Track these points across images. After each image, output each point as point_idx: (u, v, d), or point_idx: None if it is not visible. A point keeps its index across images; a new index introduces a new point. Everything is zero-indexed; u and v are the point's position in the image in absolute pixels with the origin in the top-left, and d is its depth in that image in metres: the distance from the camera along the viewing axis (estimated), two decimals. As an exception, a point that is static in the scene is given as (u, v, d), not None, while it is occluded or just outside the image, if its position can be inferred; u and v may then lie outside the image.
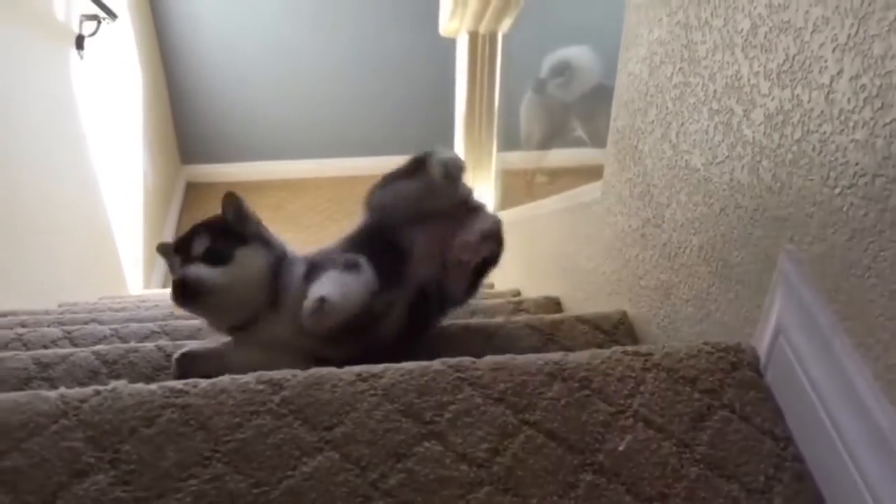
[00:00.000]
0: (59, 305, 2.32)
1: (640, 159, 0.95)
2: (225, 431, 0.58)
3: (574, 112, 3.60)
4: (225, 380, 0.63)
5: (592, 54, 3.47)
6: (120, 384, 0.62)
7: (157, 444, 0.58)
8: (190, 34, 3.90)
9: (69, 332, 1.33)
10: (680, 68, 0.83)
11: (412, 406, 0.60)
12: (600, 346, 0.98)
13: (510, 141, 3.46)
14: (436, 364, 0.65)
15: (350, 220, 3.47)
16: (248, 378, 0.63)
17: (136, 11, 3.51)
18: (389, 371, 0.64)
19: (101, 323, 1.63)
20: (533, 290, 1.63)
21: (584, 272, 1.21)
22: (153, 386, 0.62)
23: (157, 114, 3.83)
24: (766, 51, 0.66)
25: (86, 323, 1.66)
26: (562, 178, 4.25)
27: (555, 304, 1.38)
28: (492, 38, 2.46)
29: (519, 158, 3.93)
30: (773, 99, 0.65)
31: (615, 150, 1.05)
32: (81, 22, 2.63)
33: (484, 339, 0.99)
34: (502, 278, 2.05)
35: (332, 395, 0.61)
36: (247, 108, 4.16)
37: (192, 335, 1.33)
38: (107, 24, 2.73)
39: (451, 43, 2.77)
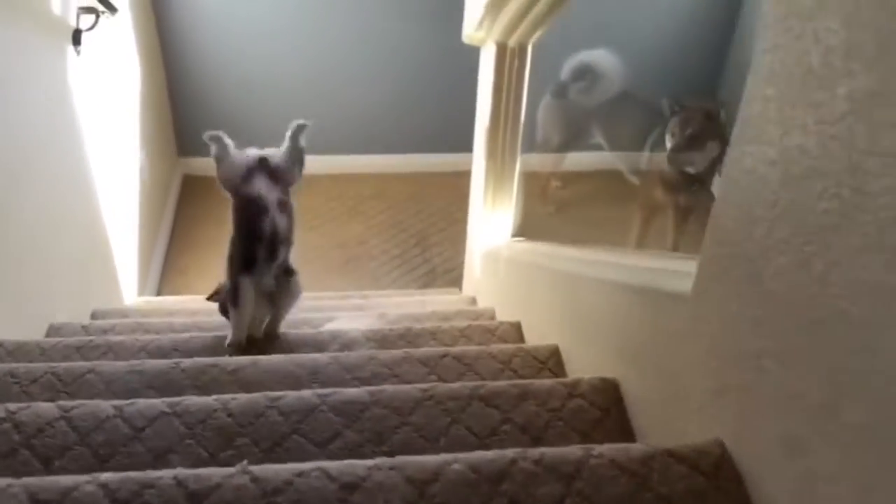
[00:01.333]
0: (48, 333, 2.16)
1: (759, 280, 0.79)
2: None
3: (595, 118, 3.44)
4: None
5: (615, 58, 3.30)
6: None
7: None
8: (190, 22, 3.70)
9: (67, 411, 1.18)
10: (836, 194, 0.67)
11: None
12: (703, 494, 0.83)
13: (525, 143, 3.30)
14: None
15: (355, 219, 3.30)
16: None
17: (135, 1, 3.31)
18: None
19: (100, 381, 1.48)
20: (578, 358, 1.48)
21: (659, 369, 1.07)
22: None
23: (154, 105, 3.63)
24: None
25: (83, 376, 1.50)
26: (575, 184, 4.10)
27: (613, 389, 1.23)
28: (521, 50, 2.29)
29: (534, 161, 3.76)
30: None
31: (716, 252, 0.89)
32: (78, 16, 2.44)
33: (563, 482, 0.84)
34: (532, 325, 1.90)
35: None
36: (247, 100, 3.97)
37: (207, 416, 1.18)
38: (106, 18, 2.54)
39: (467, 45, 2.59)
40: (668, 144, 3.00)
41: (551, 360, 1.60)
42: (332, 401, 1.21)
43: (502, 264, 2.30)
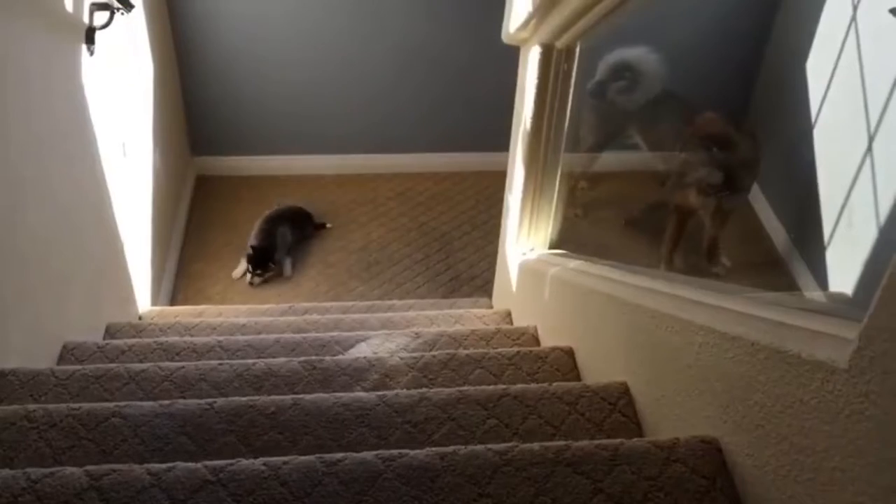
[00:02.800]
0: (62, 354, 2.01)
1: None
2: None
3: (633, 119, 3.28)
4: None
5: (656, 57, 3.14)
6: None
7: None
8: (205, 16, 3.53)
9: (97, 479, 1.03)
10: None
11: None
12: None
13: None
14: None
15: (376, 220, 3.17)
16: None
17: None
18: None
19: (126, 425, 1.33)
20: (657, 404, 1.33)
21: (791, 444, 0.92)
22: None
23: (167, 103, 3.47)
24: None
25: (107, 420, 1.36)
26: (602, 184, 3.95)
27: (716, 453, 1.08)
28: (569, 53, 2.13)
29: (564, 162, 3.62)
30: None
31: (892, 322, 0.74)
32: (92, 13, 2.28)
33: None
34: (588, 353, 1.76)
35: None
36: (264, 97, 3.80)
37: (257, 486, 1.03)
38: (121, 15, 2.38)
39: (491, 41, 2.43)
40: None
41: (621, 402, 1.46)
42: (397, 466, 1.06)
43: (547, 283, 2.15)
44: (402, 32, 3.65)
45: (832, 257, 3.07)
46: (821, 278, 3.12)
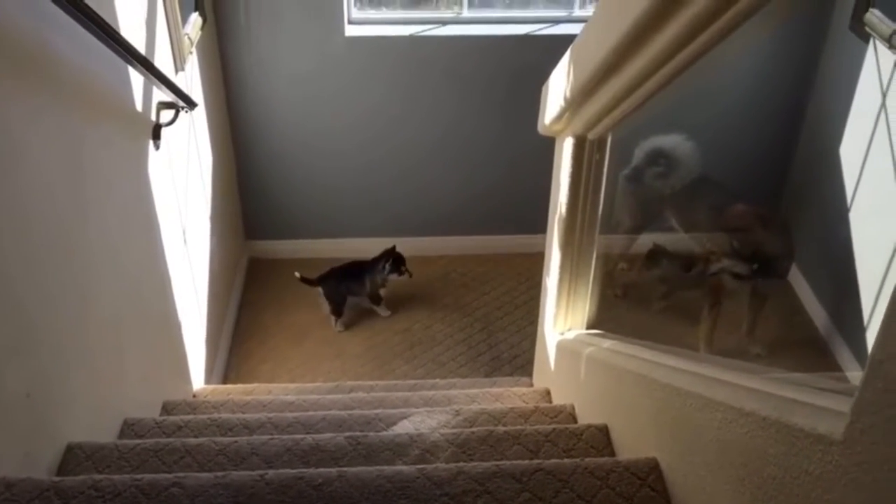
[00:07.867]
0: (123, 430, 2.13)
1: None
2: None
3: (669, 203, 3.38)
4: None
5: (690, 143, 3.26)
6: None
7: None
8: (260, 113, 3.76)
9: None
10: None
11: None
12: None
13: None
14: None
15: (420, 302, 3.27)
16: None
17: (210, 94, 3.38)
18: None
19: (185, 495, 1.43)
20: (684, 478, 1.39)
21: (799, 513, 0.98)
22: None
23: (224, 190, 3.68)
24: None
25: (167, 489, 1.45)
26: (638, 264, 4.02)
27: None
28: (601, 143, 2.25)
29: (602, 243, 3.72)
30: None
31: (882, 397, 0.81)
32: (159, 111, 2.49)
33: None
34: (621, 430, 1.82)
35: None
36: (315, 185, 4.01)
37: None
38: (185, 113, 2.58)
39: (534, 132, 2.56)
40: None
41: (651, 476, 1.52)
42: (435, 533, 1.14)
43: (584, 362, 2.22)
44: (449, 124, 3.84)
45: (872, 337, 3.09)
46: (861, 358, 3.13)
